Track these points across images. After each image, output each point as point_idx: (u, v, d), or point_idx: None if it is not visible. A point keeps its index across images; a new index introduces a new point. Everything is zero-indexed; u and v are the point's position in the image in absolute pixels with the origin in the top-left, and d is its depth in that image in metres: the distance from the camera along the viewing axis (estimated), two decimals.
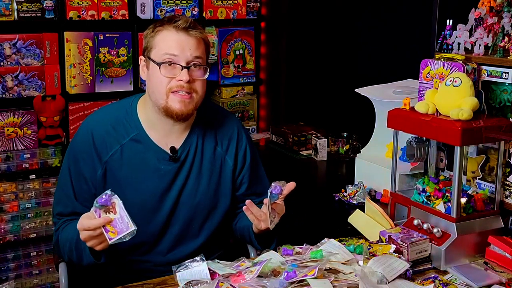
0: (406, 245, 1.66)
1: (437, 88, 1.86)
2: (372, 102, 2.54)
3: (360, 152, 2.64)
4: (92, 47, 3.21)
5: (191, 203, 1.86)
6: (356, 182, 2.46)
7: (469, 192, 1.84)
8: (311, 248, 1.68)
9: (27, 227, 3.17)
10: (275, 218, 1.70)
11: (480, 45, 1.93)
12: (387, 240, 1.72)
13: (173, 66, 1.76)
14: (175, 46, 1.75)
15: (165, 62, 1.75)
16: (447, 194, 1.79)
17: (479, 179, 1.95)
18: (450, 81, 1.76)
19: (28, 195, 3.15)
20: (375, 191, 2.41)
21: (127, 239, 1.54)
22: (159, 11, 3.34)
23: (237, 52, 3.72)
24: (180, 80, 1.74)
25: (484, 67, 1.90)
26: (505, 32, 1.88)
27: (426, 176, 1.95)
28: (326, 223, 2.31)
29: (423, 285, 1.57)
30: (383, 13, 3.34)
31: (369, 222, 1.92)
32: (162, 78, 1.76)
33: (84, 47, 3.19)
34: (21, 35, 3.03)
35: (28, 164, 3.13)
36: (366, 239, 1.84)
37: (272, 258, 1.60)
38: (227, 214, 1.95)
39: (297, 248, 1.70)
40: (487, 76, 1.89)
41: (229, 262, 1.65)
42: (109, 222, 1.54)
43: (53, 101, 3.12)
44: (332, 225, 2.20)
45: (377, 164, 2.42)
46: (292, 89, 3.90)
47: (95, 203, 1.54)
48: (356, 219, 1.99)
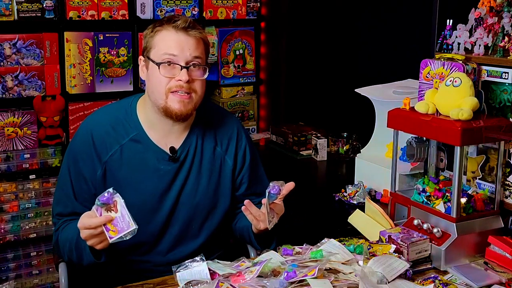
0: (406, 245, 1.66)
1: (437, 88, 1.86)
2: (372, 102, 2.54)
3: (360, 152, 2.64)
4: (92, 47, 3.20)
5: (191, 203, 1.86)
6: (356, 182, 2.46)
7: (469, 192, 1.84)
8: (311, 248, 1.67)
9: (27, 227, 3.16)
10: (274, 218, 1.69)
11: (480, 45, 1.93)
12: (387, 240, 1.72)
13: (173, 66, 1.75)
14: (175, 46, 1.75)
15: (165, 62, 1.75)
16: (447, 194, 1.79)
17: (479, 179, 1.95)
18: (450, 81, 1.76)
19: (28, 195, 3.15)
20: (375, 191, 2.41)
21: (128, 238, 1.53)
22: (159, 11, 3.34)
23: (237, 52, 3.71)
24: (180, 80, 1.74)
25: (484, 67, 1.89)
26: (505, 32, 1.88)
27: (426, 176, 1.95)
28: (326, 223, 2.31)
29: (423, 285, 1.57)
30: (383, 13, 3.34)
31: (369, 222, 1.92)
32: (162, 78, 1.75)
33: (84, 47, 3.19)
34: (21, 35, 3.03)
35: (28, 164, 3.13)
36: (366, 239, 1.84)
37: (272, 258, 1.59)
38: (227, 214, 1.95)
39: (297, 248, 1.70)
40: (487, 76, 1.89)
41: (229, 262, 1.64)
42: (110, 221, 1.53)
43: (53, 101, 3.12)
44: (332, 225, 2.20)
45: (377, 164, 2.42)
46: (292, 89, 3.90)
47: (97, 201, 1.54)
48: (356, 219, 1.99)
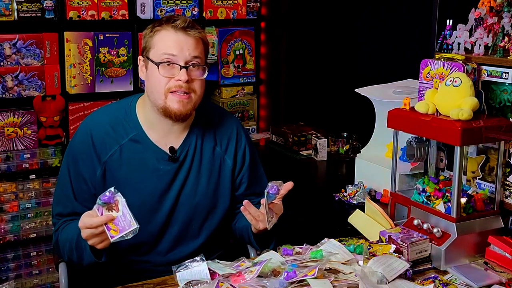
0: (406, 245, 1.66)
1: (437, 88, 1.86)
2: (372, 102, 2.54)
3: (360, 152, 2.64)
4: (92, 47, 3.20)
5: (191, 203, 1.86)
6: (356, 182, 2.46)
7: (469, 192, 1.84)
8: (311, 248, 1.67)
9: (27, 227, 3.16)
10: (273, 218, 1.69)
11: (480, 45, 1.93)
12: (387, 240, 1.72)
13: (172, 66, 1.75)
14: (174, 46, 1.75)
15: (164, 62, 1.75)
16: (447, 194, 1.78)
17: (479, 179, 1.95)
18: (450, 81, 1.76)
19: (28, 195, 3.15)
20: (375, 191, 2.41)
21: (129, 237, 1.53)
22: (159, 11, 3.34)
23: (237, 52, 3.71)
24: (179, 80, 1.74)
25: (484, 67, 1.89)
26: (505, 32, 1.88)
27: (426, 176, 1.94)
28: (326, 223, 2.31)
29: (423, 285, 1.56)
30: (383, 13, 3.34)
31: (369, 222, 1.92)
32: (161, 78, 1.75)
33: (84, 47, 3.19)
34: (21, 35, 3.03)
35: (28, 164, 3.13)
36: (366, 239, 1.83)
37: (272, 258, 1.59)
38: (227, 214, 1.95)
39: (297, 248, 1.70)
40: (487, 76, 1.89)
41: (229, 262, 1.64)
42: (111, 220, 1.53)
43: (53, 101, 3.12)
44: (332, 225, 2.20)
45: (377, 164, 2.42)
46: (292, 89, 3.90)
47: (98, 200, 1.54)
48: (356, 219, 1.99)
